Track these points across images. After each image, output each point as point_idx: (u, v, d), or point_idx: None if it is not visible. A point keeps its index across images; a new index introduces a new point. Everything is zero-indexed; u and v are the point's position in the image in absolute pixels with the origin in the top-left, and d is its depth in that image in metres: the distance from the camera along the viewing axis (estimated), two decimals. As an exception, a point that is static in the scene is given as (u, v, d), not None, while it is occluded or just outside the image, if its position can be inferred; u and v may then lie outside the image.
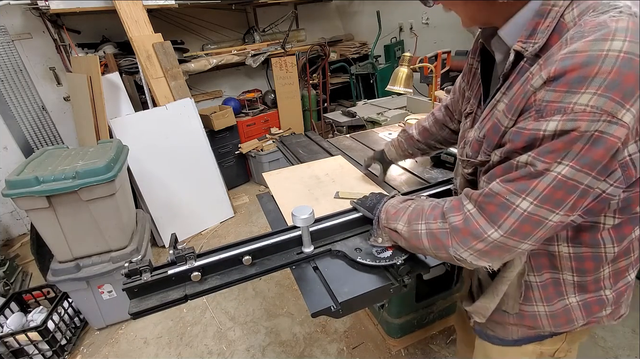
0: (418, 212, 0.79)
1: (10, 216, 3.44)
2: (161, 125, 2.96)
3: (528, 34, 0.61)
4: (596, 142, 0.52)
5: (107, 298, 2.19)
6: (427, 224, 0.75)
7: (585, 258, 0.71)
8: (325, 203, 1.32)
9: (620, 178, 0.59)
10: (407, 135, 1.26)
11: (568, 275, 0.74)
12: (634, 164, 0.58)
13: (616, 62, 0.49)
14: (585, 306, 0.76)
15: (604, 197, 0.61)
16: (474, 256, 0.66)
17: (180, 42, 3.58)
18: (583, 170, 0.54)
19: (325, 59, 4.29)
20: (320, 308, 0.85)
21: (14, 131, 3.26)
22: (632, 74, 0.49)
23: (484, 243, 0.64)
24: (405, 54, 1.93)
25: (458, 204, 0.70)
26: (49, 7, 2.71)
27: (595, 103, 0.50)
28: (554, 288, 0.76)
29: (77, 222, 1.98)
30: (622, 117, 0.50)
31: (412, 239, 0.79)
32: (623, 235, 0.69)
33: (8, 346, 1.99)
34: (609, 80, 0.49)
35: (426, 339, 1.97)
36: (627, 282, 0.77)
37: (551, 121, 0.53)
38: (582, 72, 0.50)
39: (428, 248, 0.75)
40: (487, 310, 0.84)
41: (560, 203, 0.57)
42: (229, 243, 0.98)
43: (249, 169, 4.20)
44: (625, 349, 1.81)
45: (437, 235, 0.72)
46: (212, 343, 2.13)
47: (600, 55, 0.50)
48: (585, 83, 0.50)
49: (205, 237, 3.21)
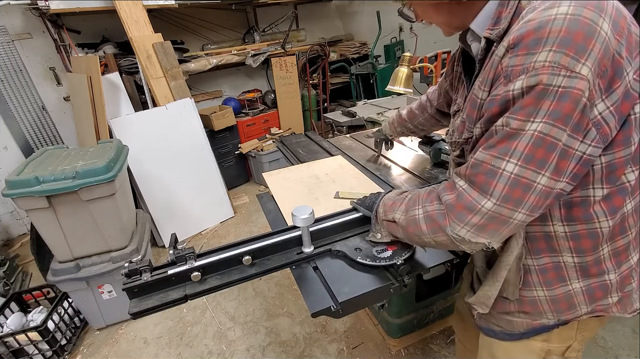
0: (414, 199, 0.81)
1: (10, 216, 3.44)
2: (161, 125, 2.96)
3: (494, 22, 0.67)
4: (562, 96, 0.56)
5: (107, 298, 2.19)
6: (424, 207, 0.76)
7: (581, 236, 0.72)
8: (325, 203, 1.32)
9: (597, 137, 0.61)
10: (398, 114, 1.47)
11: (568, 257, 0.74)
12: (606, 122, 0.61)
13: (564, 23, 0.56)
14: (588, 291, 0.76)
15: (586, 159, 0.62)
16: (472, 232, 0.67)
17: (180, 42, 3.58)
18: (557, 125, 0.58)
19: (325, 59, 4.29)
20: (320, 308, 0.85)
21: (14, 131, 3.26)
22: (580, 32, 0.55)
23: (479, 216, 0.65)
24: (405, 54, 1.93)
25: (451, 184, 0.72)
26: (49, 7, 2.71)
27: (553, 59, 0.56)
28: (555, 273, 0.76)
29: (77, 222, 1.98)
30: (579, 70, 0.55)
31: (410, 226, 0.79)
32: (615, 207, 0.70)
33: (8, 346, 1.99)
34: (560, 38, 0.55)
35: (426, 339, 1.97)
36: (630, 266, 0.77)
37: (517, 81, 0.59)
38: (536, 35, 0.57)
39: (427, 233, 0.75)
40: (489, 298, 0.84)
41: (544, 163, 0.60)
42: (229, 243, 0.98)
43: (249, 169, 4.20)
44: (625, 349, 1.81)
45: (434, 217, 0.72)
46: (212, 343, 2.13)
47: (549, 19, 0.56)
48: (540, 43, 0.56)
49: (205, 237, 3.21)
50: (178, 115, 3.04)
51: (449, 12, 0.74)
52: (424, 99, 1.30)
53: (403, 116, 1.42)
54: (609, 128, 0.61)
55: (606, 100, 0.60)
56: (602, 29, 0.56)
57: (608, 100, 0.60)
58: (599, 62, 0.56)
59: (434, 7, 0.74)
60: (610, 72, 0.58)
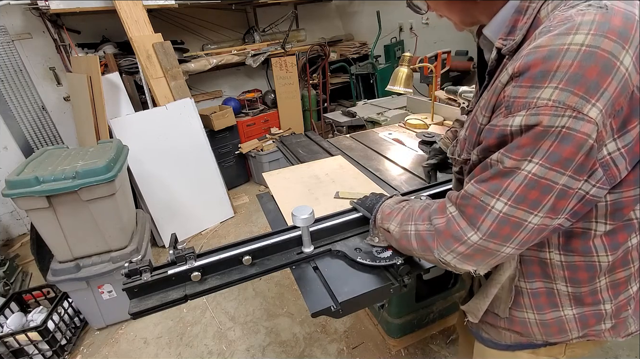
0: (409, 213, 0.79)
1: (10, 216, 3.44)
2: (161, 125, 2.96)
3: (508, 31, 0.62)
4: (564, 139, 0.51)
5: (107, 298, 2.19)
6: (416, 225, 0.75)
7: (578, 267, 0.69)
8: (325, 203, 1.32)
9: (603, 178, 0.56)
10: (460, 123, 1.23)
11: (562, 286, 0.72)
12: (615, 163, 0.55)
13: (577, 56, 0.49)
14: (581, 318, 0.74)
15: (589, 199, 0.57)
16: (457, 259, 0.66)
17: (180, 42, 3.58)
18: (554, 168, 0.53)
19: (325, 59, 4.29)
20: (320, 308, 0.85)
21: (14, 131, 3.26)
22: (594, 68, 0.48)
23: (465, 246, 0.63)
24: (405, 54, 1.93)
25: (442, 206, 0.70)
26: (49, 7, 2.71)
27: (557, 98, 0.50)
28: (547, 299, 0.74)
29: (77, 222, 1.98)
30: (587, 112, 0.50)
31: (402, 239, 0.79)
32: (617, 243, 0.66)
33: (8, 346, 1.99)
34: (570, 74, 0.49)
35: (426, 339, 1.97)
36: (628, 296, 0.74)
37: (517, 116, 0.54)
38: (543, 67, 0.51)
39: (416, 249, 0.75)
40: (479, 311, 0.84)
41: (537, 204, 0.56)
42: (229, 243, 0.98)
43: (249, 169, 4.20)
44: (625, 349, 1.81)
45: (423, 237, 0.72)
46: (212, 343, 2.13)
47: (561, 49, 0.50)
48: (547, 77, 0.50)
49: (205, 237, 3.21)
50: (178, 115, 3.04)
51: (462, 10, 0.70)
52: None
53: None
54: (618, 170, 0.56)
55: (618, 141, 0.54)
56: (622, 63, 0.49)
57: (620, 141, 0.54)
58: (612, 102, 0.50)
59: (447, 4, 0.70)
60: (627, 111, 0.52)
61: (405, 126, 2.22)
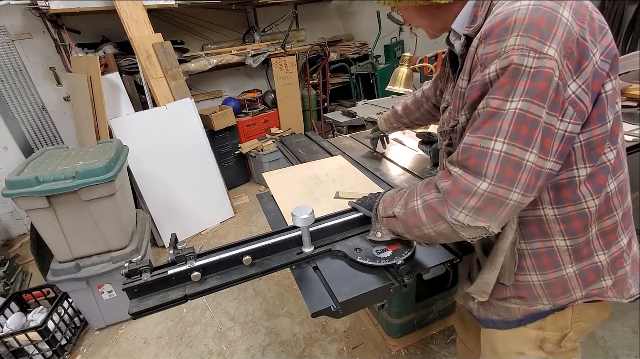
0: (413, 191, 0.82)
1: (10, 216, 3.44)
2: (161, 125, 2.96)
3: (471, 20, 0.74)
4: (535, 75, 0.61)
5: (107, 298, 2.19)
6: (422, 197, 0.77)
7: (571, 218, 0.75)
8: (325, 203, 1.32)
9: (574, 114, 0.65)
10: (393, 110, 1.50)
11: (560, 240, 0.77)
12: (580, 99, 0.64)
13: (527, 12, 0.62)
14: (580, 274, 0.79)
15: (568, 136, 0.66)
16: (470, 216, 0.68)
17: (180, 42, 3.58)
18: (534, 102, 0.62)
19: (325, 59, 4.29)
20: (320, 308, 0.85)
21: (14, 131, 3.27)
22: (542, 19, 0.61)
23: (476, 197, 0.67)
24: (405, 54, 1.93)
25: (446, 172, 0.74)
26: (49, 7, 2.71)
27: (521, 42, 0.61)
28: (548, 258, 0.79)
29: (77, 222, 1.98)
30: (547, 51, 0.61)
31: (410, 217, 0.80)
32: (599, 186, 0.73)
33: (8, 346, 1.99)
34: (525, 24, 0.61)
35: (426, 339, 1.97)
36: (620, 248, 0.79)
37: (492, 65, 0.64)
38: (504, 24, 0.63)
39: (427, 222, 0.76)
40: (489, 285, 0.86)
41: (530, 140, 0.63)
42: (229, 243, 0.98)
43: (249, 169, 4.20)
44: (625, 349, 1.81)
45: (432, 205, 0.74)
46: (212, 343, 2.13)
47: (514, 10, 0.63)
48: (508, 31, 0.62)
49: (205, 237, 3.21)
50: (178, 115, 3.04)
51: (430, 15, 0.80)
52: (420, 95, 1.34)
53: (399, 112, 1.45)
54: (584, 105, 0.65)
55: (577, 80, 0.64)
56: (562, 15, 0.62)
57: (579, 79, 0.64)
58: (563, 45, 0.61)
59: (417, 10, 0.80)
60: (577, 54, 0.63)
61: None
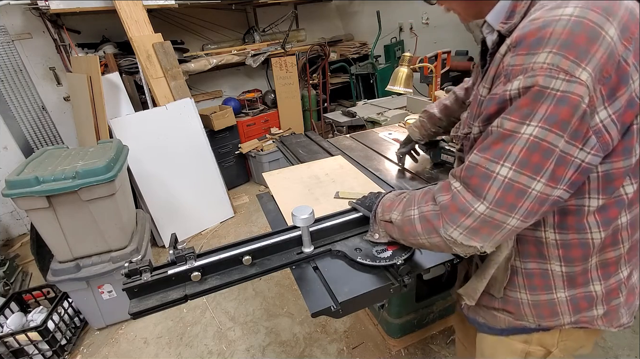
0: (411, 199, 0.80)
1: (10, 216, 3.44)
2: (161, 125, 2.96)
3: (508, 16, 0.67)
4: (560, 101, 0.55)
5: (107, 298, 2.19)
6: (419, 208, 0.75)
7: (572, 245, 0.71)
8: (325, 203, 1.32)
9: (597, 145, 0.59)
10: (428, 114, 1.31)
11: (556, 265, 0.74)
12: (607, 130, 0.58)
13: (567, 24, 0.54)
14: (572, 300, 0.76)
15: (584, 167, 0.60)
16: (464, 235, 0.66)
17: (180, 42, 3.58)
18: (553, 130, 0.56)
19: (325, 59, 4.29)
20: (320, 308, 0.85)
21: (14, 131, 3.26)
22: (583, 35, 0.53)
23: (472, 218, 0.64)
24: (405, 54, 1.93)
25: (446, 184, 0.71)
26: (49, 7, 2.71)
27: (552, 61, 0.54)
28: (541, 280, 0.76)
29: (77, 222, 1.98)
30: (579, 75, 0.54)
31: (406, 226, 0.79)
32: (609, 219, 0.68)
33: (8, 346, 1.99)
34: (562, 40, 0.54)
35: (426, 339, 1.97)
36: (619, 279, 0.76)
37: (515, 81, 0.58)
38: (538, 35, 0.55)
39: (421, 233, 0.74)
40: (476, 292, 0.85)
41: (539, 169, 0.58)
42: (229, 243, 0.98)
43: (249, 169, 4.20)
44: (625, 349, 1.81)
45: (428, 218, 0.72)
46: (212, 343, 2.13)
47: (554, 20, 0.55)
48: (542, 44, 0.55)
49: (205, 237, 3.21)
50: (178, 115, 3.03)
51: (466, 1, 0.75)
52: (460, 92, 1.21)
53: (436, 114, 1.27)
54: (610, 137, 0.59)
55: (608, 108, 0.57)
56: (607, 33, 0.54)
57: (610, 108, 0.57)
58: (601, 68, 0.54)
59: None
60: (615, 79, 0.56)
61: (405, 126, 2.22)
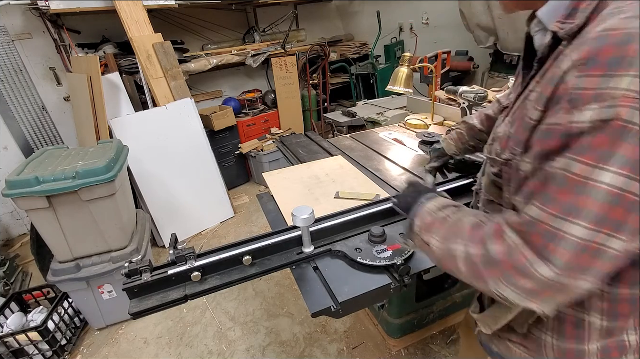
0: (456, 229, 0.65)
1: (10, 216, 3.44)
2: (161, 125, 2.96)
3: (568, 13, 0.53)
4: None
5: (107, 298, 2.19)
6: (466, 247, 0.61)
7: (620, 300, 0.60)
8: (325, 203, 1.32)
9: None
10: (467, 125, 1.15)
11: (596, 318, 0.63)
12: None
13: None
14: (603, 350, 0.66)
15: None
16: (520, 296, 0.54)
17: (180, 42, 3.58)
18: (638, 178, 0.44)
19: (325, 59, 4.29)
20: (320, 308, 0.85)
21: (14, 131, 3.26)
22: None
23: (533, 282, 0.51)
24: (405, 54, 1.93)
25: (499, 229, 0.57)
26: (49, 7, 2.71)
27: (638, 88, 0.42)
28: (573, 329, 0.65)
29: (77, 222, 1.98)
30: None
31: (446, 259, 0.66)
32: None
33: (8, 346, 1.99)
34: None
35: (426, 339, 1.97)
36: None
37: (586, 110, 0.45)
38: (619, 52, 0.43)
39: (465, 274, 0.62)
40: (496, 323, 0.75)
41: (620, 225, 0.46)
42: (229, 243, 0.98)
43: (249, 169, 4.20)
44: (625, 349, 1.81)
45: (476, 263, 0.59)
46: (212, 343, 2.13)
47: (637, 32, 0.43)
48: (624, 64, 0.43)
49: (205, 237, 3.21)
50: (178, 115, 3.03)
51: None
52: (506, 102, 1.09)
53: (477, 126, 1.11)
54: None
55: None
56: None
57: None
58: None
59: None
60: None
61: (405, 126, 2.22)
